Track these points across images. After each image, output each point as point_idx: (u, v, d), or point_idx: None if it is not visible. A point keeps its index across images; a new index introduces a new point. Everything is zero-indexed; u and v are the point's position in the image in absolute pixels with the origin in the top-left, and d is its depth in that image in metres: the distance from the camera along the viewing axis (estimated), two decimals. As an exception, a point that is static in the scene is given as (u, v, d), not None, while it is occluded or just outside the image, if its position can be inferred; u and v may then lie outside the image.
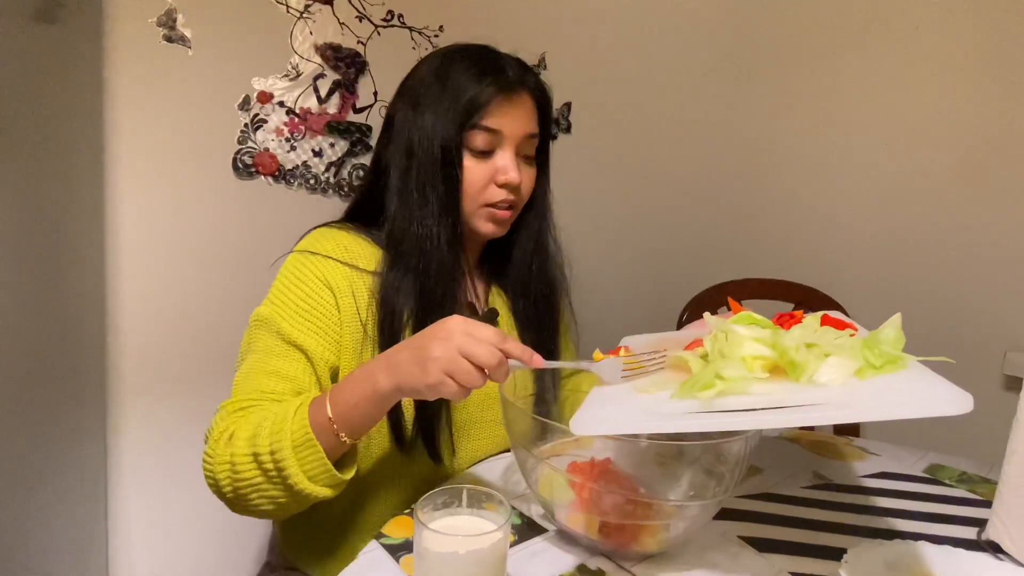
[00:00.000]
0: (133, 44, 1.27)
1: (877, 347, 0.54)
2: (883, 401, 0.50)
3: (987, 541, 0.67)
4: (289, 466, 0.63)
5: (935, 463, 0.89)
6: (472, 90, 0.75)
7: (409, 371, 0.60)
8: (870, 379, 0.53)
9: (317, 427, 0.63)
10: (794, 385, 0.53)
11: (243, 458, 0.65)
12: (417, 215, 0.77)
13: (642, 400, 0.57)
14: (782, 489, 0.79)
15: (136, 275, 1.34)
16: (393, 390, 0.61)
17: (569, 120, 1.60)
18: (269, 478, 0.64)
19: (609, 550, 0.63)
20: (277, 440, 0.63)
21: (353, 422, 0.63)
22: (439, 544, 0.49)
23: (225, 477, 0.66)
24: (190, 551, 1.45)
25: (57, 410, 1.20)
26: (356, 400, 0.63)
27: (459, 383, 0.58)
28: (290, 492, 0.64)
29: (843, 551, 0.62)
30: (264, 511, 0.67)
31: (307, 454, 0.63)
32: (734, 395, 0.53)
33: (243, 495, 0.66)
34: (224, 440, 0.67)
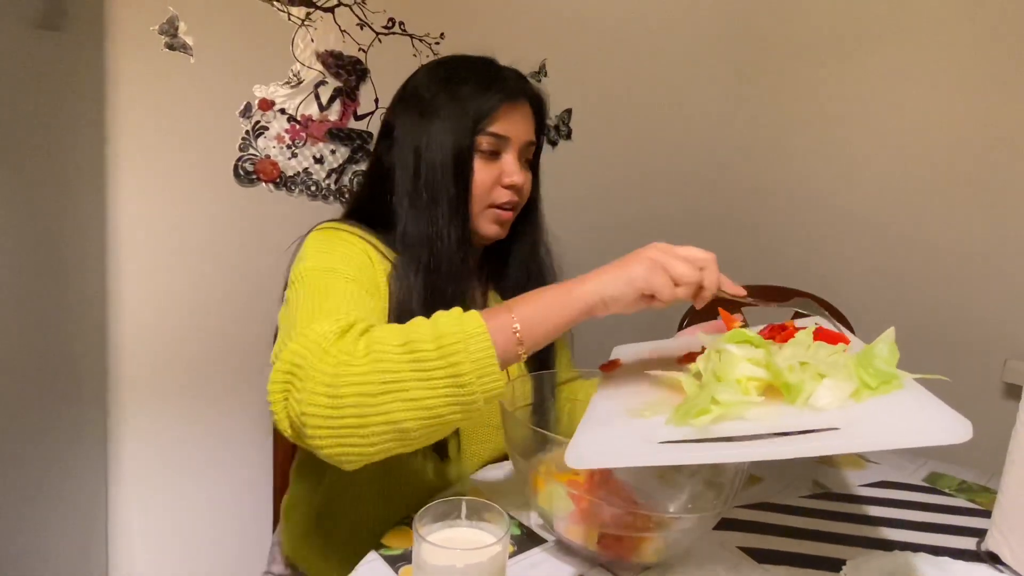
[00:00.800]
0: (135, 51, 1.28)
1: (871, 365, 0.53)
2: (882, 430, 0.49)
3: (986, 552, 0.67)
4: (458, 352, 0.54)
5: (935, 471, 0.89)
6: (481, 98, 0.79)
7: (616, 268, 0.60)
8: (867, 401, 0.52)
9: (495, 327, 0.57)
10: (790, 408, 0.52)
11: (391, 347, 0.55)
12: (427, 216, 0.79)
13: (638, 426, 0.56)
14: (781, 499, 0.79)
15: (137, 281, 1.35)
16: (593, 294, 0.59)
17: (569, 126, 1.60)
18: (422, 371, 0.54)
19: (608, 561, 0.63)
20: (445, 328, 0.55)
21: (536, 326, 0.58)
22: (438, 557, 0.49)
23: (354, 371, 0.54)
24: (191, 556, 1.45)
25: (58, 414, 1.21)
26: (546, 304, 0.59)
27: (674, 277, 0.59)
28: (448, 392, 0.54)
29: (842, 562, 0.62)
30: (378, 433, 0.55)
31: (480, 347, 0.55)
32: (730, 420, 0.52)
33: (372, 397, 0.54)
34: (355, 333, 0.57)
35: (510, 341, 0.57)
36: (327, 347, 0.56)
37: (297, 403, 0.55)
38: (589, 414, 0.61)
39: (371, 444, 0.55)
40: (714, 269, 0.62)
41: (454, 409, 0.56)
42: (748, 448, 0.49)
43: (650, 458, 0.52)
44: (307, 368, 0.56)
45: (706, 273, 0.61)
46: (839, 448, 0.49)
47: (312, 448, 0.56)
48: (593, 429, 0.58)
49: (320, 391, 0.54)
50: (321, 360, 0.55)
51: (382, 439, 0.55)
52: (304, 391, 0.55)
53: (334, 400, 0.54)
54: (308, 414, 0.55)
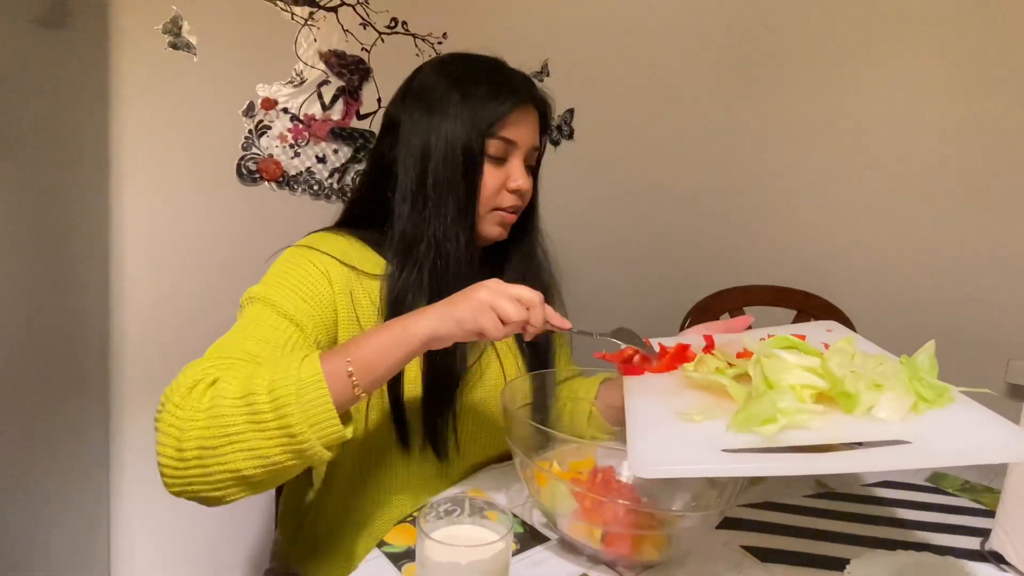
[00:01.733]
0: (139, 50, 1.28)
1: (921, 378, 0.53)
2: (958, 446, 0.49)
3: (990, 552, 0.67)
4: (290, 404, 0.56)
5: (937, 471, 0.89)
6: (494, 102, 0.79)
7: (451, 306, 0.62)
8: (926, 414, 0.52)
9: (329, 371, 0.58)
10: (850, 419, 0.52)
11: (230, 400, 0.57)
12: (433, 216, 0.78)
13: (696, 431, 0.54)
14: (785, 498, 0.78)
15: (140, 279, 1.35)
16: (431, 327, 0.61)
17: (572, 127, 1.60)
18: (257, 423, 0.56)
19: (611, 559, 0.62)
20: (280, 378, 0.57)
21: (372, 367, 0.60)
22: (441, 554, 0.49)
23: (196, 426, 0.57)
24: (192, 555, 1.45)
25: (60, 413, 1.21)
26: (380, 344, 0.60)
27: (502, 318, 0.61)
28: (281, 442, 0.56)
29: (846, 561, 0.62)
30: (221, 480, 0.58)
31: (314, 396, 0.57)
32: (795, 429, 0.50)
33: (211, 449, 0.57)
34: (203, 386, 0.60)
35: (345, 385, 0.59)
36: (178, 401, 0.59)
37: (157, 449, 0.59)
38: (635, 416, 0.59)
39: (217, 490, 0.59)
40: (539, 309, 0.64)
41: (289, 456, 0.57)
42: (831, 460, 0.48)
43: (728, 468, 0.50)
44: (164, 417, 0.59)
45: (532, 312, 0.64)
46: (917, 463, 0.48)
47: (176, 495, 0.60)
48: (648, 434, 0.55)
49: (169, 443, 0.58)
50: (172, 414, 0.59)
51: (226, 485, 0.58)
52: (158, 444, 0.59)
53: (180, 453, 0.58)
54: (162, 465, 0.59)
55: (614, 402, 0.85)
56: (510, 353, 0.89)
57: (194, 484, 0.58)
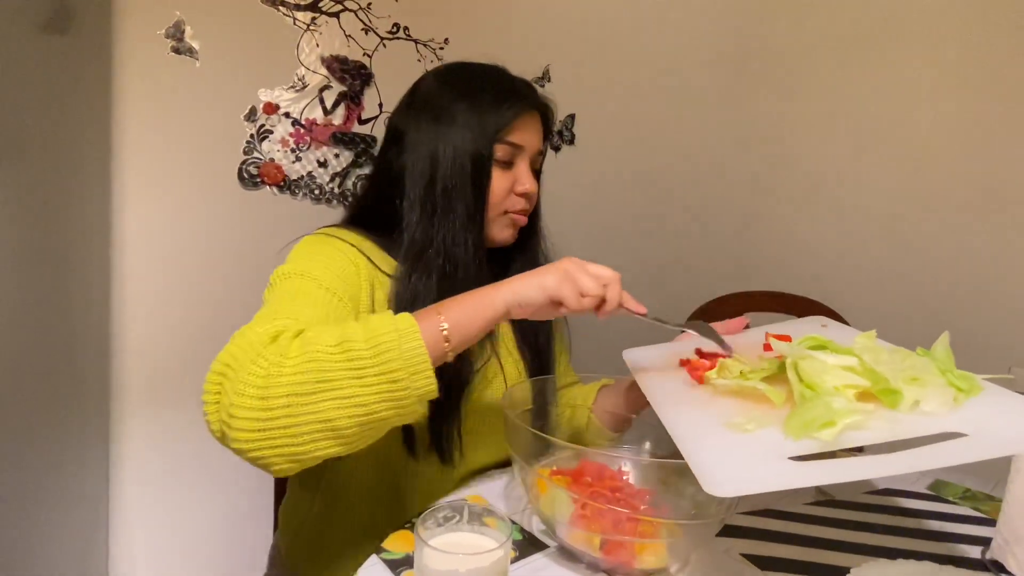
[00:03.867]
0: (142, 55, 1.28)
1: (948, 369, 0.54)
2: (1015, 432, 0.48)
3: (991, 561, 0.67)
4: (391, 350, 0.55)
5: (939, 479, 0.89)
6: (501, 108, 0.81)
7: (534, 275, 0.64)
8: (965, 404, 0.52)
9: (424, 327, 0.58)
10: (898, 415, 0.51)
11: (324, 347, 0.55)
12: (442, 222, 0.79)
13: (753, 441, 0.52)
14: (785, 506, 0.78)
15: (141, 283, 1.35)
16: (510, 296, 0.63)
17: (573, 132, 1.61)
18: (356, 369, 0.54)
19: (610, 567, 0.62)
20: (378, 327, 0.56)
21: (462, 327, 0.61)
22: (440, 562, 0.49)
23: (286, 372, 0.54)
24: (191, 559, 1.44)
25: (60, 416, 1.21)
26: (468, 306, 0.62)
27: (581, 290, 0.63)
28: (381, 389, 0.54)
29: (846, 570, 0.61)
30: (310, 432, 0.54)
31: (413, 346, 0.56)
32: (855, 431, 0.50)
33: (303, 396, 0.53)
34: (288, 336, 0.57)
35: (439, 339, 0.59)
36: (260, 350, 0.56)
37: (227, 407, 0.55)
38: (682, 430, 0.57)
39: (301, 444, 0.54)
40: (617, 287, 0.66)
41: (387, 406, 0.55)
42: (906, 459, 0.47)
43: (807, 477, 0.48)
44: (238, 370, 0.55)
45: (609, 289, 0.65)
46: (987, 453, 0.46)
47: (237, 452, 0.55)
48: (708, 449, 0.53)
49: (251, 393, 0.54)
50: (253, 362, 0.55)
51: (313, 438, 0.54)
52: (235, 393, 0.54)
53: (265, 402, 0.53)
54: (237, 416, 0.54)
55: (612, 408, 0.85)
56: (511, 357, 0.89)
57: (274, 438, 0.54)
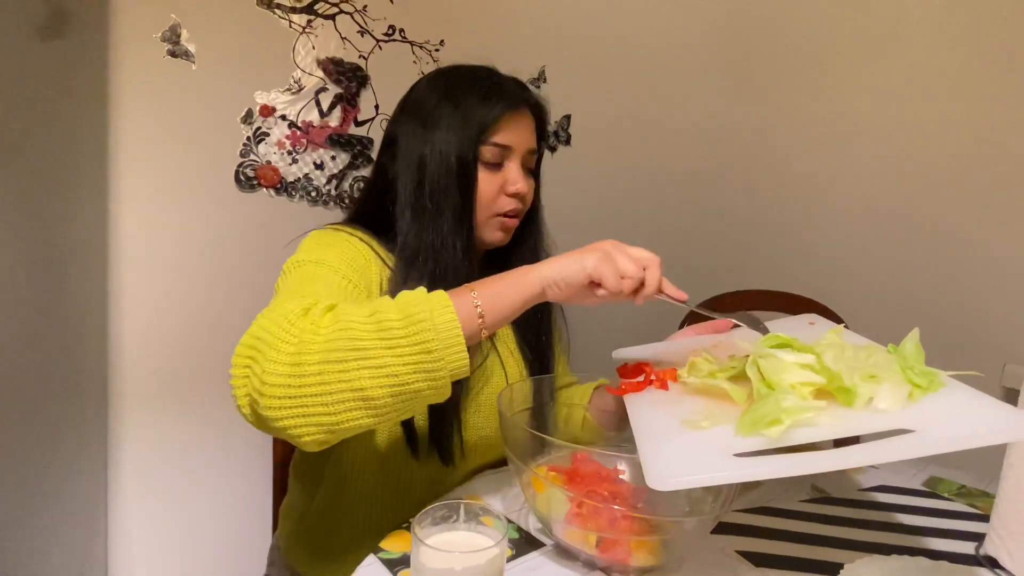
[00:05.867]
0: (138, 59, 1.29)
1: (912, 366, 0.54)
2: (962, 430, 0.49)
3: (985, 556, 0.67)
4: (424, 321, 0.54)
5: (934, 476, 0.89)
6: (484, 108, 0.80)
7: (569, 255, 0.63)
8: (922, 400, 0.53)
9: (458, 304, 0.58)
10: (851, 412, 0.52)
11: (358, 317, 0.55)
12: (431, 226, 0.79)
13: (705, 438, 0.54)
14: (780, 503, 0.79)
15: (138, 286, 1.35)
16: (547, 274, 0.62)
17: (569, 132, 1.61)
18: (388, 339, 0.54)
19: (606, 565, 0.63)
20: (411, 301, 0.56)
21: (495, 305, 0.60)
22: (436, 560, 0.50)
23: (319, 339, 0.54)
24: (190, 559, 1.45)
25: (59, 418, 1.21)
26: (503, 285, 0.62)
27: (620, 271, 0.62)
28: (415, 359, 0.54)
29: (840, 566, 0.62)
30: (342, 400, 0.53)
31: (445, 319, 0.56)
32: (802, 428, 0.51)
33: (336, 363, 0.53)
34: (320, 309, 0.57)
35: (472, 315, 0.59)
36: (293, 320, 0.56)
37: (259, 375, 0.54)
38: (642, 427, 0.59)
39: (334, 414, 0.54)
40: (656, 271, 0.65)
41: (420, 377, 0.55)
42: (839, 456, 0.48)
43: (744, 473, 0.50)
44: (271, 340, 0.55)
45: (648, 272, 0.64)
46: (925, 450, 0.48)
47: (269, 425, 0.55)
48: (660, 446, 0.55)
49: (283, 360, 0.53)
50: (287, 331, 0.55)
51: (346, 407, 0.54)
52: (267, 361, 0.54)
53: (297, 368, 0.53)
54: (269, 383, 0.53)
55: (607, 407, 0.86)
56: (512, 358, 0.89)
57: (306, 405, 0.53)
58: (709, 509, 0.61)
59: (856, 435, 0.51)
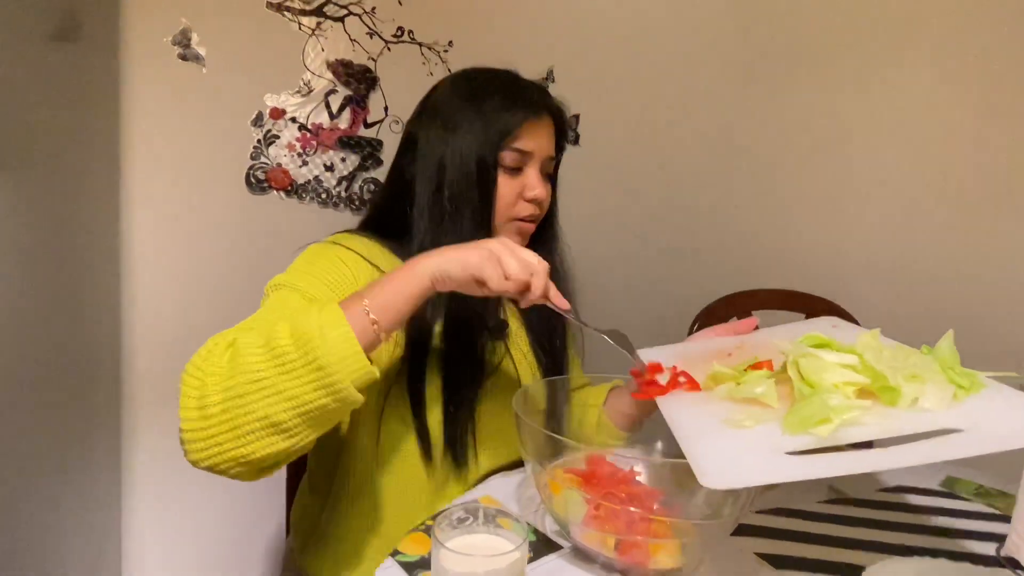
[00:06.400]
0: (149, 62, 1.29)
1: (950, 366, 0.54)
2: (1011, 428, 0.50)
3: (1006, 558, 0.66)
4: (313, 340, 0.55)
5: (951, 476, 0.89)
6: (506, 114, 0.80)
7: (457, 250, 0.63)
8: (965, 401, 0.53)
9: (350, 313, 0.58)
10: (897, 411, 0.53)
11: (251, 349, 0.56)
12: (450, 229, 0.79)
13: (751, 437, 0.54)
14: (799, 504, 0.78)
15: (150, 289, 1.36)
16: (438, 266, 0.62)
17: (578, 132, 1.61)
18: (283, 364, 0.55)
19: (625, 567, 0.62)
20: (301, 324, 0.56)
21: (388, 306, 0.60)
22: (457, 564, 0.50)
23: (218, 378, 0.56)
24: (204, 562, 1.45)
25: (72, 420, 1.22)
26: (393, 284, 0.62)
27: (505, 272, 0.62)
28: (311, 379, 0.55)
29: (860, 568, 0.61)
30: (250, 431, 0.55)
31: (338, 334, 0.56)
32: (851, 427, 0.51)
33: (237, 398, 0.55)
34: (223, 346, 0.59)
35: (365, 323, 0.59)
36: (198, 364, 0.59)
37: (179, 414, 0.58)
38: (684, 427, 0.59)
39: (246, 445, 0.56)
40: (543, 278, 0.65)
41: (322, 394, 0.56)
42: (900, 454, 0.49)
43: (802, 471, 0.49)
44: (182, 388, 0.58)
45: (535, 279, 0.64)
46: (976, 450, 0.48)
47: (198, 467, 0.58)
48: (707, 443, 0.54)
49: (191, 405, 0.57)
50: (193, 376, 0.58)
51: (257, 436, 0.56)
52: (180, 410, 0.57)
53: (203, 411, 0.56)
54: (184, 430, 0.57)
55: (623, 408, 0.86)
56: (525, 361, 0.89)
57: (220, 443, 0.56)
58: (728, 511, 0.61)
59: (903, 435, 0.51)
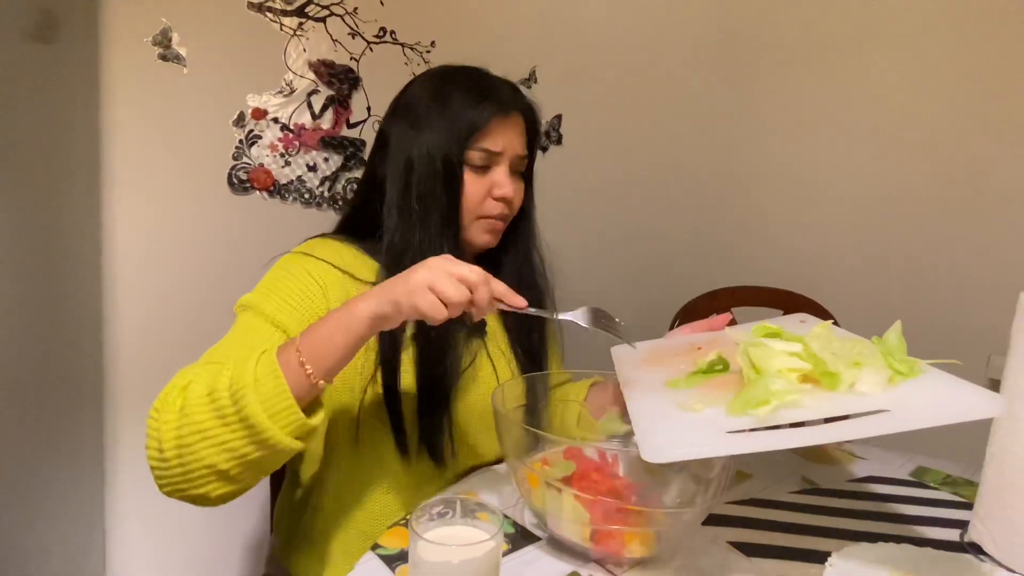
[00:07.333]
0: (129, 62, 1.29)
1: (893, 354, 0.57)
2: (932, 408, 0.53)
3: (969, 543, 0.69)
4: (247, 395, 0.57)
5: (921, 466, 0.91)
6: (473, 112, 0.79)
7: (389, 287, 0.62)
8: (901, 385, 0.56)
9: (284, 363, 0.59)
10: (835, 395, 0.56)
11: (197, 399, 0.60)
12: (418, 228, 0.79)
13: (699, 419, 0.58)
14: (771, 494, 0.80)
15: (132, 289, 1.35)
16: (371, 309, 0.61)
17: (560, 132, 1.62)
18: (221, 417, 0.58)
19: (600, 557, 0.64)
20: (238, 376, 0.59)
21: (322, 354, 0.60)
22: (433, 554, 0.51)
23: (171, 427, 0.59)
24: (187, 560, 1.45)
25: (54, 420, 1.21)
26: (328, 331, 0.61)
27: (441, 297, 0.60)
28: (244, 434, 0.58)
29: (829, 555, 0.63)
30: (200, 476, 0.59)
31: (270, 387, 0.58)
32: (788, 408, 0.55)
33: (187, 447, 0.58)
34: (177, 391, 0.62)
35: (299, 374, 0.60)
36: (158, 406, 0.62)
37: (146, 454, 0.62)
38: (639, 410, 0.64)
39: (199, 487, 0.61)
40: (484, 288, 0.62)
41: (254, 448, 0.59)
42: (822, 431, 0.53)
43: (733, 447, 0.54)
44: (147, 431, 0.62)
45: (476, 293, 0.62)
46: (897, 427, 0.51)
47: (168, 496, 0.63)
48: (655, 423, 0.60)
49: (152, 446, 0.61)
50: (154, 418, 0.62)
51: (206, 480, 0.60)
52: (147, 447, 0.62)
53: (161, 454, 0.60)
54: (151, 467, 0.62)
55: (604, 403, 0.87)
56: (503, 357, 0.90)
57: (179, 483, 0.61)
58: (700, 500, 0.63)
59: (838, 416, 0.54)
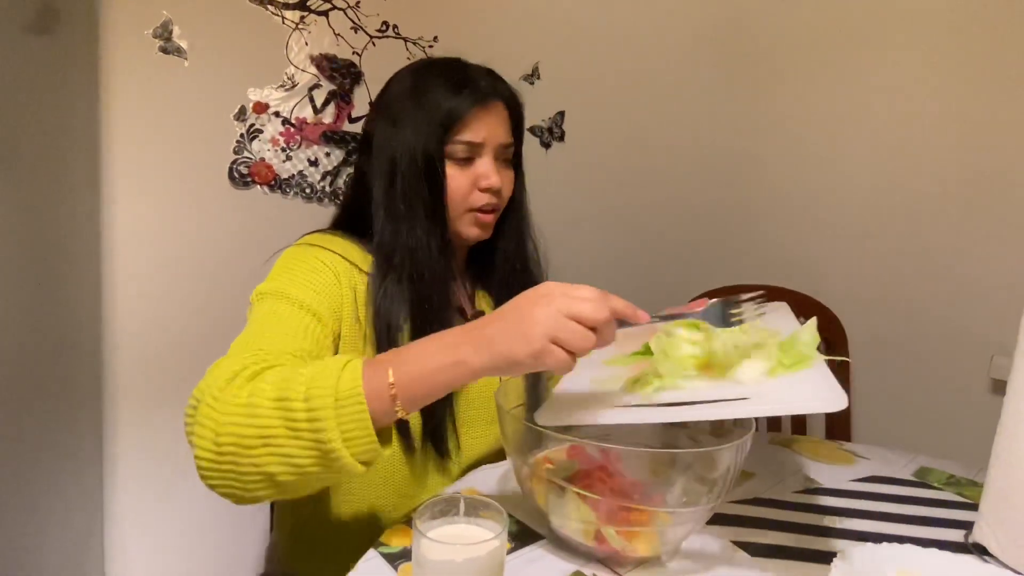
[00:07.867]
0: (129, 55, 1.28)
1: (793, 348, 0.62)
2: (777, 400, 0.59)
3: (974, 544, 0.68)
4: (326, 417, 0.54)
5: (924, 466, 0.91)
6: (449, 104, 0.78)
7: (506, 343, 0.55)
8: (779, 377, 0.61)
9: (370, 388, 0.55)
10: (719, 382, 0.62)
11: (266, 400, 0.56)
12: (405, 225, 0.79)
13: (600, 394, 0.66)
14: (774, 494, 0.80)
15: (132, 285, 1.35)
16: (485, 366, 0.56)
17: (562, 129, 1.61)
18: (292, 430, 0.55)
19: (604, 556, 0.64)
20: (318, 387, 0.55)
21: (416, 394, 0.57)
22: (437, 552, 0.50)
23: (233, 422, 0.56)
24: (187, 558, 1.45)
25: (53, 418, 1.20)
26: (430, 371, 0.56)
27: (567, 348, 0.54)
28: (313, 452, 0.55)
29: (833, 555, 0.63)
30: (251, 480, 0.56)
31: (351, 411, 0.54)
32: (669, 390, 0.62)
33: (247, 448, 0.55)
34: (243, 379, 0.58)
35: (387, 406, 0.56)
36: (216, 393, 0.58)
37: (193, 434, 0.59)
38: (564, 381, 0.71)
39: (247, 490, 0.58)
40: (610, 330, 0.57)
41: (321, 469, 0.56)
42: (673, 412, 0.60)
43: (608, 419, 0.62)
44: (201, 409, 0.58)
45: (601, 334, 0.56)
46: (740, 413, 0.58)
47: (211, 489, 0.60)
48: (561, 395, 0.69)
49: (207, 435, 0.57)
50: (211, 406, 0.58)
51: (256, 487, 0.57)
52: (198, 425, 0.58)
53: (217, 447, 0.57)
54: (199, 456, 0.58)
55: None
56: None
57: (227, 479, 0.57)
58: (704, 500, 0.62)
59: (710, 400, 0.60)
